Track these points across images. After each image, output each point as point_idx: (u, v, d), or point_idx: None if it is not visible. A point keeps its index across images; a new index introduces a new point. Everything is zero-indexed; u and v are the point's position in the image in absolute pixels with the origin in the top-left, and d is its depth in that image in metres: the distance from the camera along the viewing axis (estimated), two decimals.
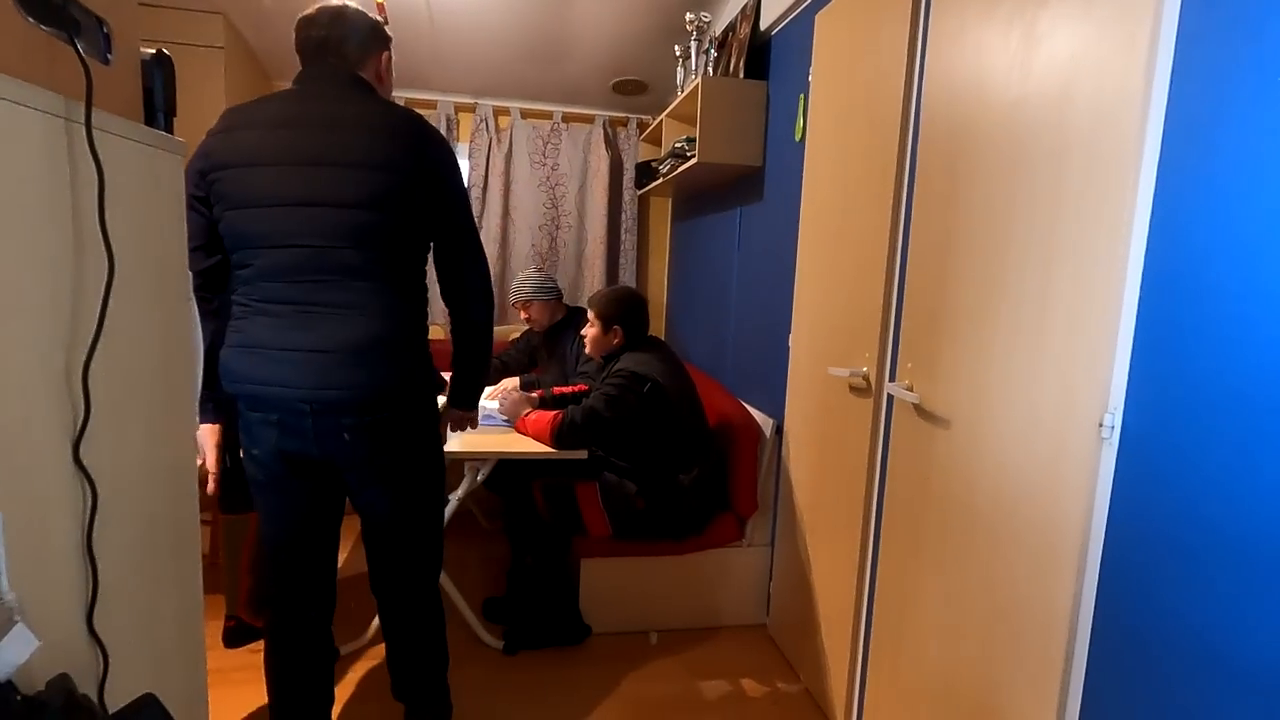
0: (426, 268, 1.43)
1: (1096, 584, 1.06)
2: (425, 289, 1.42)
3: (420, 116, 1.39)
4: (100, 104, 0.62)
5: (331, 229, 1.27)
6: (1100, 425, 1.04)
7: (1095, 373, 1.05)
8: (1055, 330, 1.12)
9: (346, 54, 1.37)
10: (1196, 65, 0.92)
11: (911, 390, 1.50)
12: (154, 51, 0.72)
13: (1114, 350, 1.03)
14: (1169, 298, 0.95)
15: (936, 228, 1.43)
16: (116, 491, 0.73)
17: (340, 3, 1.39)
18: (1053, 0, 1.14)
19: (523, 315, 2.88)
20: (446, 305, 1.46)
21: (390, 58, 1.45)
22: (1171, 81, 0.95)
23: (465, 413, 1.61)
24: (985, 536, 1.28)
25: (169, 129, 0.74)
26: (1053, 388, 1.12)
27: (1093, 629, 1.07)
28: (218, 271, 1.37)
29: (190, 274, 1.32)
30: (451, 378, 1.53)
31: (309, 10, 1.38)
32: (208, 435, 1.47)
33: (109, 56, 0.63)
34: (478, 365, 1.53)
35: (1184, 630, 0.92)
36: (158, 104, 0.71)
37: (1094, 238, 1.05)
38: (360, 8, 1.41)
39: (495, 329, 1.56)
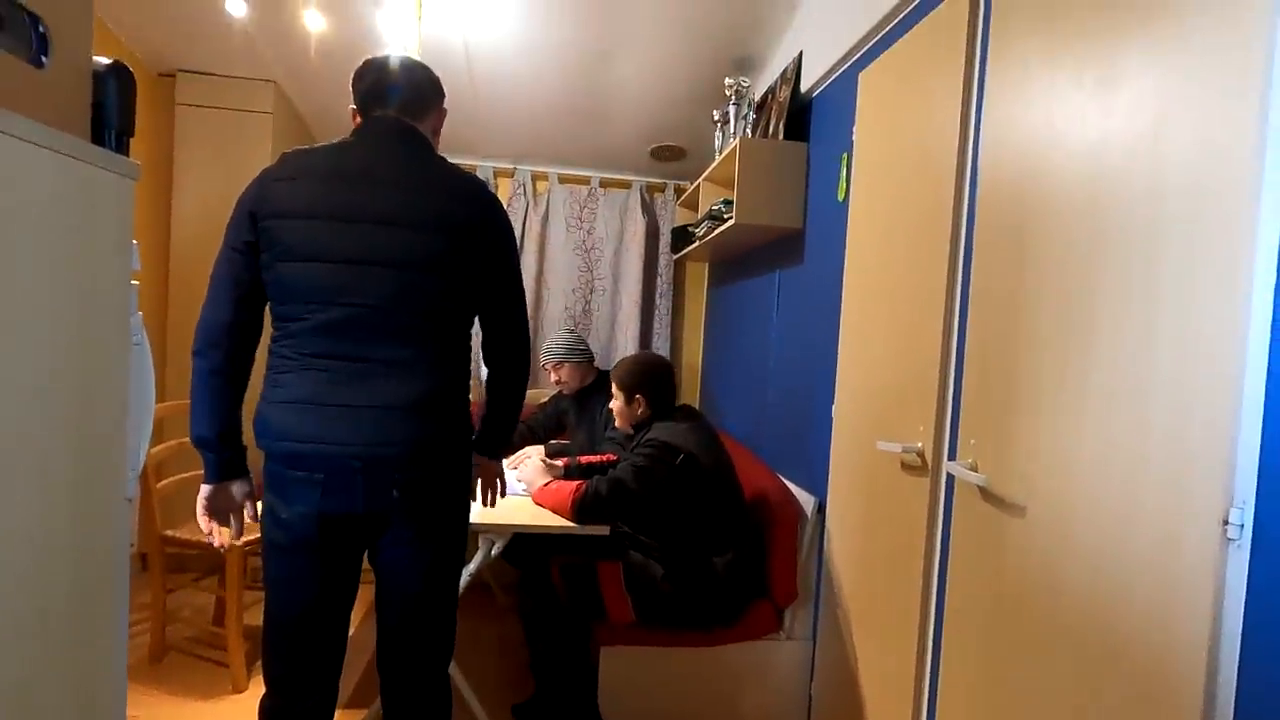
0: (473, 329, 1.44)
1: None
2: (470, 348, 1.41)
3: (482, 181, 1.43)
4: (29, 112, 0.53)
5: (393, 289, 1.26)
6: (1224, 523, 0.85)
7: (1214, 457, 0.86)
8: (1160, 402, 0.94)
9: (411, 106, 1.38)
10: None
11: (976, 470, 1.31)
12: (110, 62, 0.65)
13: (1237, 428, 0.84)
14: None
15: (1002, 284, 1.28)
16: None
17: (404, 54, 1.40)
18: (1134, 38, 1.02)
19: (553, 377, 2.78)
20: (486, 362, 1.48)
21: (445, 113, 1.48)
22: None
23: (490, 463, 1.56)
24: (1073, 648, 1.06)
25: (121, 150, 0.66)
26: (1158, 474, 0.94)
27: None
28: (252, 328, 1.32)
29: (211, 327, 1.25)
30: (480, 427, 1.50)
31: (376, 57, 1.40)
32: (241, 493, 1.37)
33: (44, 59, 0.55)
34: (510, 416, 1.52)
35: None
36: (109, 120, 0.63)
37: (1206, 290, 0.88)
38: (421, 59, 1.42)
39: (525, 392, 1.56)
